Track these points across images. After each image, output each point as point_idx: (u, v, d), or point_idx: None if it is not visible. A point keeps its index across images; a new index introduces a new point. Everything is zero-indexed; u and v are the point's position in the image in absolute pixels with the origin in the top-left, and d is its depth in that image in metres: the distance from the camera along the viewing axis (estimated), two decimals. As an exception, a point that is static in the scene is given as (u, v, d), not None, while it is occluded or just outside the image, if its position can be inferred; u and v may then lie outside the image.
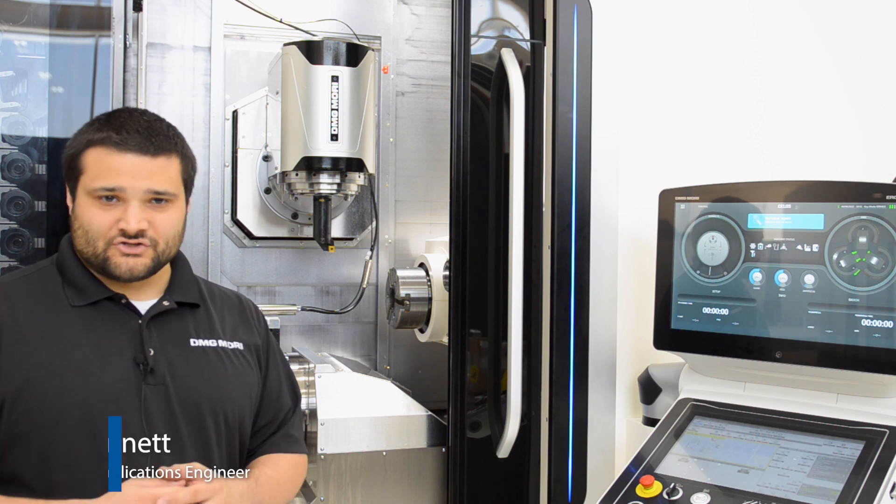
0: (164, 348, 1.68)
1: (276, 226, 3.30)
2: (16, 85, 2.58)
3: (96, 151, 1.64)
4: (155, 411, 1.62)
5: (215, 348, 1.75)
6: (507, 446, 2.46)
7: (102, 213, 1.63)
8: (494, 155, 2.53)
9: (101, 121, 1.69)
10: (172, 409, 1.64)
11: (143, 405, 1.61)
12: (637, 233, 2.52)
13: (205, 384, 1.69)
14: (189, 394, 1.66)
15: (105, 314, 1.67)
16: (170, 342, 1.69)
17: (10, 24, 2.53)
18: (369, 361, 3.42)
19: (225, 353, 1.76)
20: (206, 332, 1.76)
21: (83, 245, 1.65)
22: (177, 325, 1.73)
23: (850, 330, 1.86)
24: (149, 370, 1.63)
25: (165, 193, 1.67)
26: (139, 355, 1.64)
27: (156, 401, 1.62)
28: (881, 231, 1.83)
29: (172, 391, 1.64)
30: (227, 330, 1.80)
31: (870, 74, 2.88)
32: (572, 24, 2.49)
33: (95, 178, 1.63)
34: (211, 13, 3.22)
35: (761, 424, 1.98)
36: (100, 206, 1.63)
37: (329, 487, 2.56)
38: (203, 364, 1.71)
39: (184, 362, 1.69)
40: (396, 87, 3.43)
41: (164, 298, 1.73)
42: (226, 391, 1.73)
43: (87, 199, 1.64)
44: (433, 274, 2.92)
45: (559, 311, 2.48)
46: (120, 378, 1.61)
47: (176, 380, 1.66)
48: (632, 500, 1.89)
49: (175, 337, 1.71)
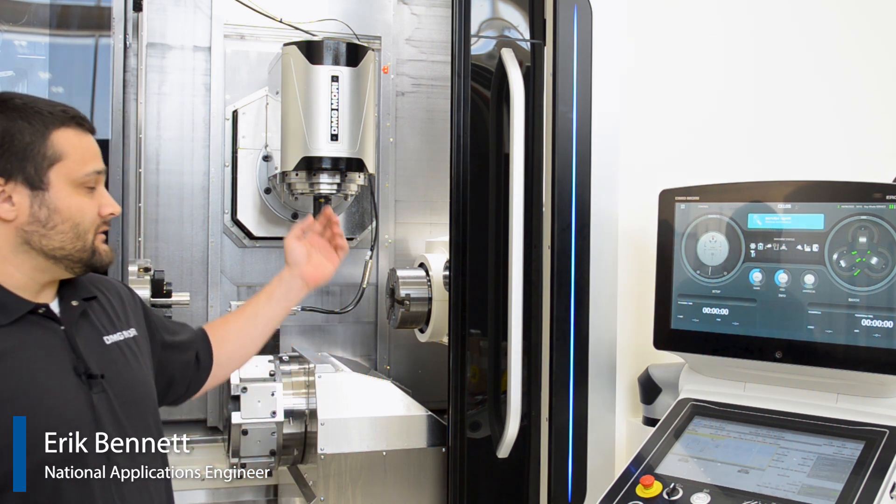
0: (91, 352, 1.55)
1: (276, 226, 3.30)
2: (16, 85, 2.58)
3: (66, 134, 1.49)
4: (107, 422, 1.52)
5: (125, 341, 1.63)
6: (507, 446, 2.46)
7: (91, 202, 1.51)
8: (494, 155, 2.53)
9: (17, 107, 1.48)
10: (117, 415, 1.54)
11: (98, 418, 1.50)
12: (637, 233, 2.52)
13: (131, 381, 1.59)
14: (125, 395, 1.56)
15: (30, 328, 1.50)
16: (91, 344, 1.56)
17: (10, 24, 2.53)
18: (369, 361, 3.42)
19: (128, 344, 1.63)
20: (110, 327, 1.62)
21: (69, 241, 1.50)
22: (88, 324, 1.59)
23: (850, 330, 1.86)
24: (91, 378, 1.51)
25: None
26: (78, 365, 1.51)
27: (103, 409, 1.52)
28: (881, 231, 1.82)
29: (113, 396, 1.53)
30: (120, 317, 1.66)
31: (873, 75, 2.88)
32: (572, 24, 2.48)
33: (83, 162, 1.50)
34: (211, 13, 3.22)
35: (761, 424, 1.98)
36: (86, 194, 1.51)
37: (329, 487, 2.56)
38: (122, 361, 1.60)
39: (109, 363, 1.56)
40: (396, 87, 3.43)
41: (68, 298, 1.57)
42: (147, 383, 1.64)
43: (71, 189, 1.49)
44: (433, 274, 2.92)
45: (559, 311, 2.48)
46: (72, 395, 1.49)
47: (110, 383, 1.54)
48: (632, 500, 1.89)
49: (92, 338, 1.58)
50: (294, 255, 1.90)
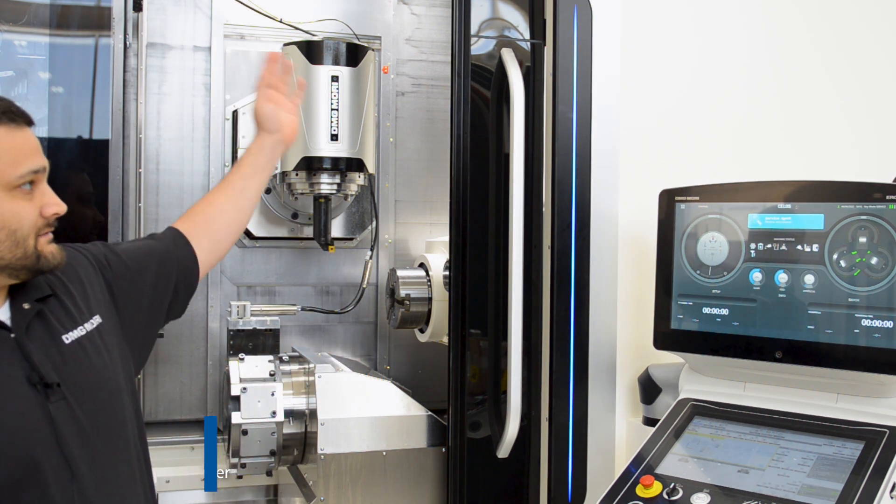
0: (48, 358, 1.45)
1: (276, 226, 3.30)
2: (16, 85, 2.58)
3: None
4: (67, 431, 1.43)
5: (87, 335, 1.52)
6: (507, 446, 2.46)
7: (28, 205, 1.40)
8: (494, 155, 2.53)
9: None
10: (80, 423, 1.45)
11: (57, 428, 1.41)
12: (637, 233, 2.52)
13: (96, 383, 1.50)
14: (89, 399, 1.47)
15: None
16: (45, 348, 1.46)
17: (10, 24, 2.53)
18: (369, 361, 3.42)
19: (91, 337, 1.53)
20: (69, 323, 1.51)
21: (7, 249, 1.39)
22: (44, 326, 1.48)
23: (850, 330, 1.86)
24: (48, 387, 1.42)
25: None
26: (32, 375, 1.41)
27: (65, 420, 1.43)
28: (881, 231, 1.83)
29: (74, 403, 1.44)
30: (81, 309, 1.55)
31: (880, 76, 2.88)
32: (572, 24, 2.49)
33: (17, 163, 1.37)
34: (211, 13, 3.22)
35: (761, 424, 1.98)
36: (23, 197, 1.39)
37: (329, 487, 2.56)
38: (84, 361, 1.50)
39: (69, 366, 1.47)
40: (396, 87, 3.43)
41: (19, 301, 1.46)
42: (114, 380, 1.54)
43: (3, 194, 1.37)
44: (433, 274, 2.92)
45: (559, 311, 2.48)
46: (27, 407, 1.40)
47: (72, 389, 1.45)
48: (632, 500, 1.90)
49: (48, 340, 1.47)
50: (270, 120, 1.90)
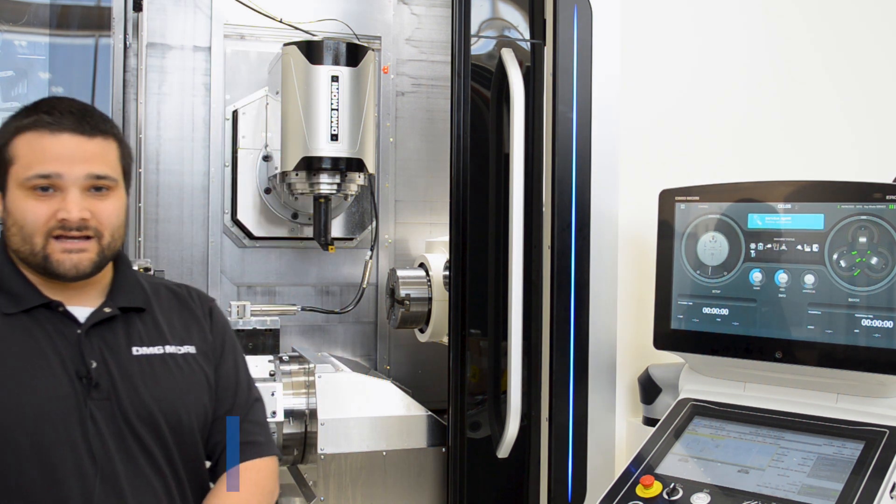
0: (106, 359, 1.54)
1: (276, 226, 3.30)
2: (16, 85, 2.58)
3: (27, 137, 1.50)
4: (103, 428, 1.50)
5: (161, 355, 1.61)
6: (507, 446, 2.46)
7: (38, 205, 1.49)
8: (494, 155, 2.53)
9: (29, 107, 1.55)
10: (119, 425, 1.52)
11: (91, 422, 1.49)
12: (637, 233, 2.52)
13: (152, 395, 1.56)
14: (135, 408, 1.54)
15: (41, 323, 1.53)
16: (111, 352, 1.56)
17: (10, 24, 2.53)
18: (369, 361, 3.42)
19: (173, 359, 1.62)
20: (151, 339, 1.61)
21: (19, 244, 1.51)
22: (119, 332, 1.59)
23: (850, 330, 1.86)
24: (93, 384, 1.51)
25: (106, 178, 1.53)
26: (81, 368, 1.51)
27: (103, 417, 1.50)
28: (881, 231, 1.83)
29: (117, 406, 1.52)
30: (175, 334, 1.66)
31: (880, 76, 2.88)
32: (572, 24, 2.48)
33: (28, 167, 1.49)
34: (211, 13, 3.22)
35: (761, 424, 1.98)
36: (35, 198, 1.49)
37: (329, 487, 2.56)
38: (148, 374, 1.58)
39: (126, 374, 1.55)
40: (396, 87, 3.43)
41: (105, 304, 1.58)
42: (177, 399, 1.60)
43: (20, 192, 1.49)
44: (433, 274, 2.92)
45: (559, 311, 2.48)
46: (64, 393, 1.49)
47: (119, 394, 1.53)
48: (632, 500, 1.90)
49: (116, 347, 1.57)
50: None
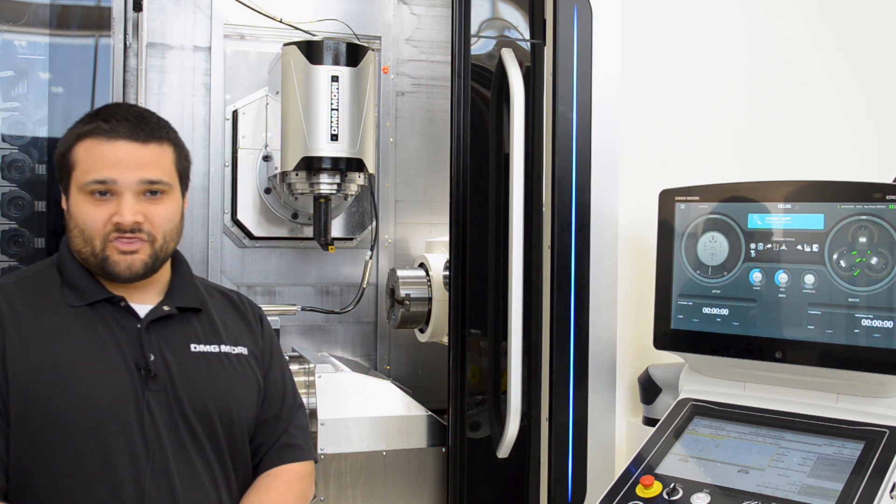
0: (164, 354, 1.64)
1: (276, 226, 3.30)
2: (16, 85, 2.58)
3: (86, 144, 1.60)
4: (158, 419, 1.59)
5: (217, 354, 1.71)
6: (507, 446, 2.46)
7: (96, 210, 1.59)
8: (494, 155, 2.53)
9: (90, 114, 1.65)
10: (174, 417, 1.61)
11: (147, 412, 1.58)
12: (637, 233, 2.52)
13: (207, 390, 1.65)
14: (191, 401, 1.63)
15: (104, 316, 1.63)
16: (169, 348, 1.65)
17: (10, 24, 2.53)
18: (369, 361, 3.42)
19: (228, 358, 1.72)
20: (207, 338, 1.71)
21: (81, 245, 1.61)
22: (178, 330, 1.69)
23: (850, 330, 1.86)
24: (151, 376, 1.60)
25: (159, 183, 1.63)
26: (140, 360, 1.60)
27: (158, 408, 1.59)
28: (881, 231, 1.83)
29: (173, 398, 1.61)
30: (230, 335, 1.76)
31: (880, 76, 2.88)
32: (572, 24, 2.49)
33: (87, 172, 1.59)
34: (211, 13, 3.22)
35: (761, 424, 1.98)
36: (94, 203, 1.59)
37: (329, 487, 2.56)
38: (204, 370, 1.67)
39: (184, 369, 1.65)
40: (396, 87, 3.43)
41: (164, 303, 1.69)
42: (231, 396, 1.69)
43: (80, 197, 1.60)
44: (433, 274, 2.92)
45: (559, 311, 2.48)
46: (123, 382, 1.58)
47: (176, 387, 1.62)
48: (632, 500, 1.90)
49: (175, 342, 1.67)
50: None
